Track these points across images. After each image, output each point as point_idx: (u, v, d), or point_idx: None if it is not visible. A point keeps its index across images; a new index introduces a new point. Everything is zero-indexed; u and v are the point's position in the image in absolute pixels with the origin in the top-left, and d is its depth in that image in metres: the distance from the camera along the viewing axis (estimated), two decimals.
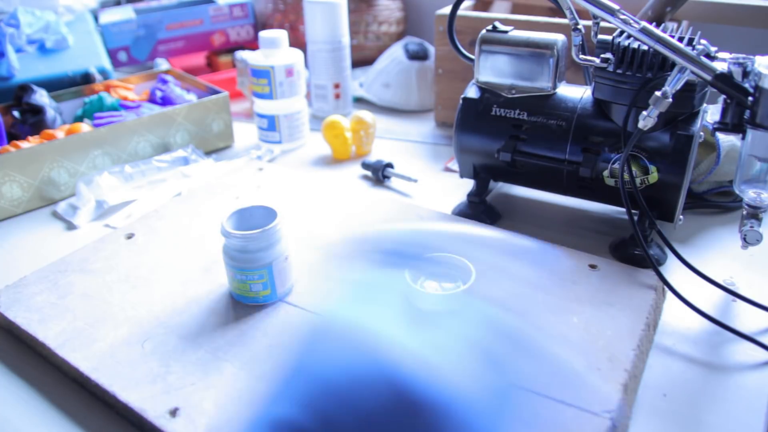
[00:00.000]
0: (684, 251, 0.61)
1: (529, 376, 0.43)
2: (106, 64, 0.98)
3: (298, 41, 1.11)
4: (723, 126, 0.49)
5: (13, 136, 0.81)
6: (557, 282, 0.53)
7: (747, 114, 0.48)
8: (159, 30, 1.14)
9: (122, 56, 1.14)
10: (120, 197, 0.73)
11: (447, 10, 0.83)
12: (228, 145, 0.89)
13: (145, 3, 1.24)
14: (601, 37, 0.56)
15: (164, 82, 0.91)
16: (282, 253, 0.51)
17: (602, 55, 0.56)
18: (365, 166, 0.79)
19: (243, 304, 0.52)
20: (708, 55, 0.49)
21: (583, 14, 0.59)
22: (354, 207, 0.66)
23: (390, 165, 0.78)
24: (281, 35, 0.82)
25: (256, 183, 0.73)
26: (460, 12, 0.83)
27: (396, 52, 0.98)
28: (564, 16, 0.58)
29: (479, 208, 0.67)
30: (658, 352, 0.49)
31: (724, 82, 0.48)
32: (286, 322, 0.50)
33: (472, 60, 0.67)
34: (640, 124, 0.52)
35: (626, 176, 0.55)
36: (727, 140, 0.66)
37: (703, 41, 0.51)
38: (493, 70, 0.63)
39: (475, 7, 0.94)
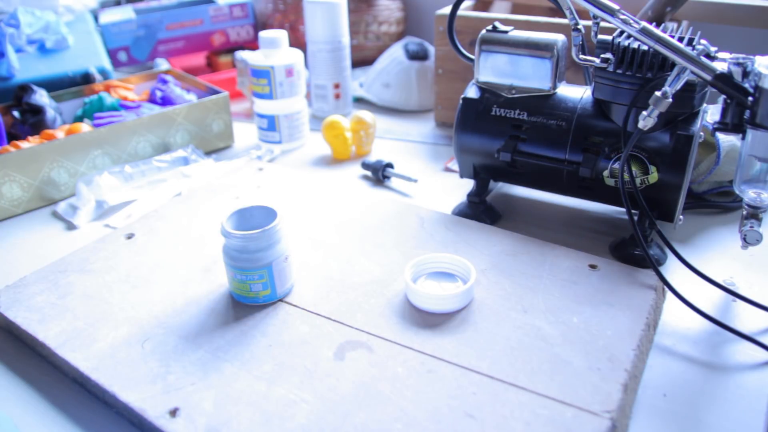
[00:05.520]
0: (684, 251, 0.61)
1: (529, 375, 0.43)
2: (106, 64, 0.98)
3: (298, 41, 1.11)
4: (723, 126, 0.49)
5: (13, 136, 0.81)
6: (557, 282, 0.53)
7: (747, 114, 0.48)
8: (159, 30, 1.14)
9: (122, 56, 1.14)
10: (120, 197, 0.73)
11: (447, 10, 0.83)
12: (228, 145, 0.89)
13: (145, 3, 1.24)
14: (601, 37, 0.56)
15: (164, 82, 0.91)
16: (282, 253, 0.51)
17: (602, 55, 0.56)
18: (365, 166, 0.79)
19: (243, 304, 0.52)
20: (708, 55, 0.49)
21: (583, 14, 0.59)
22: (354, 207, 0.66)
23: (390, 165, 0.78)
24: (281, 35, 0.82)
25: (256, 183, 0.73)
26: (460, 12, 0.83)
27: (396, 52, 0.98)
28: (564, 16, 0.58)
29: (479, 208, 0.67)
30: (658, 352, 0.49)
31: (724, 82, 0.48)
32: (286, 322, 0.50)
33: (472, 60, 0.67)
34: (640, 124, 0.52)
35: (626, 176, 0.55)
36: (727, 140, 0.66)
37: (703, 41, 0.51)
38: (493, 70, 0.63)
39: (475, 7, 0.94)
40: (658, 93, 0.50)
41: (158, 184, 0.75)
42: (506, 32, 0.62)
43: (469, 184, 0.69)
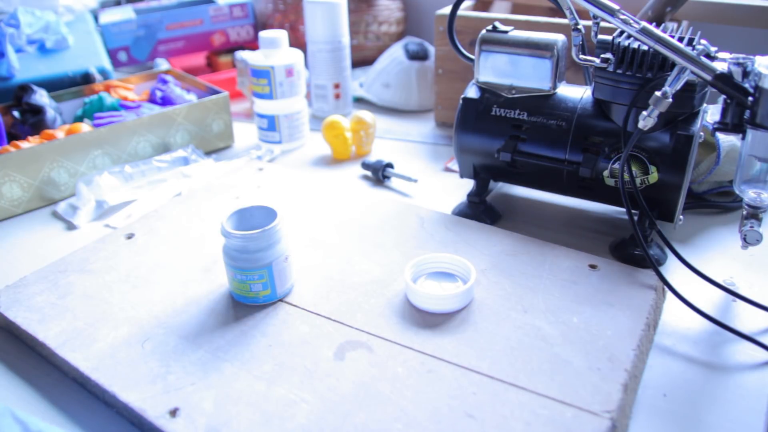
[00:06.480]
0: (684, 251, 0.61)
1: (529, 375, 0.43)
2: (106, 64, 0.98)
3: (298, 41, 1.11)
4: (723, 126, 0.49)
5: (13, 136, 0.81)
6: (557, 282, 0.53)
7: (747, 114, 0.48)
8: (159, 30, 1.14)
9: (122, 56, 1.14)
10: (120, 197, 0.73)
11: (447, 10, 0.83)
12: (228, 145, 0.89)
13: (145, 3, 1.24)
14: (601, 37, 0.56)
15: (164, 82, 0.91)
16: (282, 253, 0.51)
17: (602, 55, 0.56)
18: (365, 166, 0.79)
19: (243, 304, 0.52)
20: (708, 55, 0.49)
21: (583, 14, 0.59)
22: (354, 207, 0.66)
23: (390, 165, 0.78)
24: (281, 35, 0.82)
25: (256, 183, 0.73)
26: (460, 12, 0.83)
27: (396, 52, 0.98)
28: (564, 16, 0.58)
29: (479, 208, 0.67)
30: (658, 352, 0.49)
31: (724, 82, 0.48)
32: (286, 322, 0.50)
33: (472, 60, 0.67)
34: (640, 125, 0.52)
35: (626, 176, 0.55)
36: (727, 140, 0.66)
37: (703, 41, 0.51)
38: (493, 70, 0.63)
39: (475, 7, 0.94)
40: (658, 93, 0.50)
41: (158, 184, 0.75)
42: (506, 32, 0.62)
43: (469, 184, 0.69)
